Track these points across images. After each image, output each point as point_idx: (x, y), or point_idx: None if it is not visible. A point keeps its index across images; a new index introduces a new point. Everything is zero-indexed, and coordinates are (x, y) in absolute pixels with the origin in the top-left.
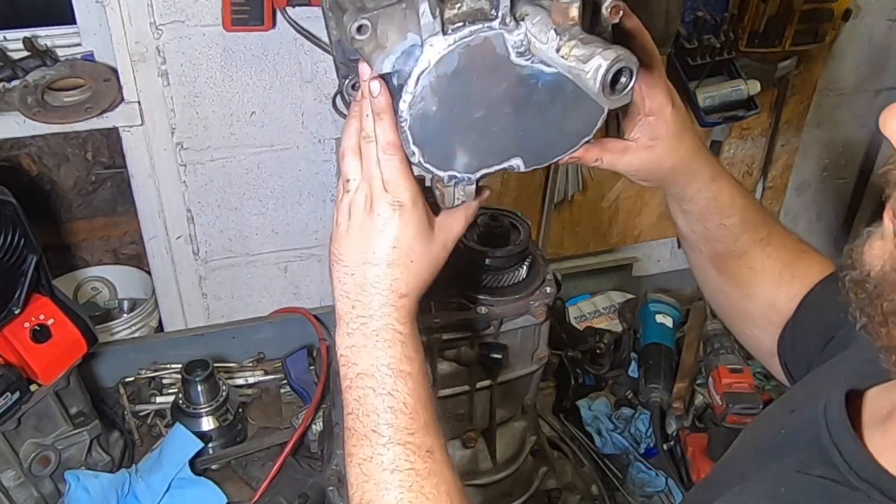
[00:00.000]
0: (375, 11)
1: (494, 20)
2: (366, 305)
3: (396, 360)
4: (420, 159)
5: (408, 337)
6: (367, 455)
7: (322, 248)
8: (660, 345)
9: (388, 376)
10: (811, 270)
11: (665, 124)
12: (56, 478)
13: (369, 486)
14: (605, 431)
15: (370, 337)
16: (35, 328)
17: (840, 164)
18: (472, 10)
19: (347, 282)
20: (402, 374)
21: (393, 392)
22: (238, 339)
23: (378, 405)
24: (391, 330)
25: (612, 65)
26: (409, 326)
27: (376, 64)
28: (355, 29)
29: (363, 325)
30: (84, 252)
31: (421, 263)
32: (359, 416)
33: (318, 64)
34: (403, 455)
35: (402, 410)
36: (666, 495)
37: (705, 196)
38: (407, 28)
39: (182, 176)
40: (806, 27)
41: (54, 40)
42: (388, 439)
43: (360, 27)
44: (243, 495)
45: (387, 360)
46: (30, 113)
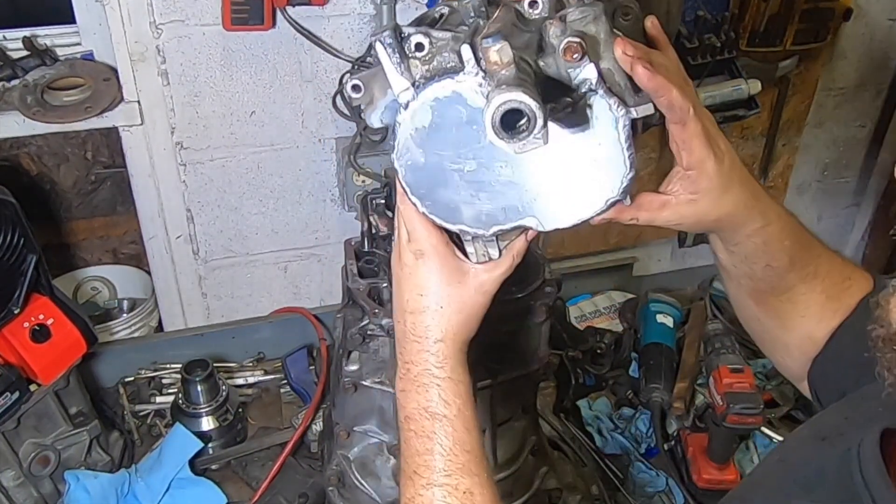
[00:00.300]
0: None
1: (460, 72)
2: (408, 352)
3: (433, 404)
4: (423, 210)
5: (444, 381)
6: (410, 495)
7: (322, 248)
8: (660, 345)
9: (427, 419)
10: (853, 301)
11: (707, 178)
12: (56, 478)
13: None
14: (605, 431)
15: (412, 382)
16: (34, 328)
17: (841, 164)
18: (441, 66)
19: (398, 329)
20: (437, 416)
21: (430, 435)
22: (238, 339)
23: (419, 447)
24: (428, 375)
25: (499, 105)
26: (446, 370)
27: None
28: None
29: (407, 370)
30: (84, 252)
31: (452, 308)
32: (406, 457)
33: (318, 63)
34: (441, 497)
35: (439, 453)
36: (667, 495)
37: (754, 242)
38: (387, 85)
39: (182, 175)
40: (807, 26)
41: (54, 40)
42: (426, 481)
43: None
44: (243, 495)
45: (424, 404)
46: (29, 112)
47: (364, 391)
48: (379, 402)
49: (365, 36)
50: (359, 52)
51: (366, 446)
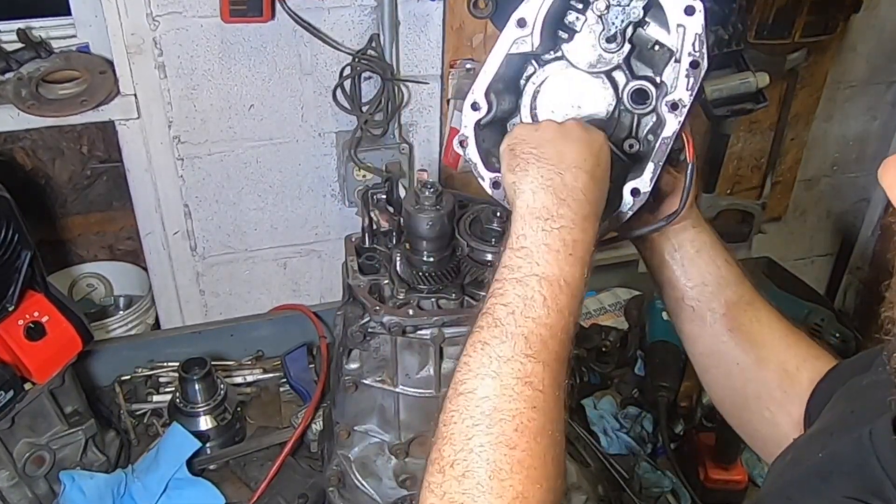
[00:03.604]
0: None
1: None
2: (574, 210)
3: (577, 282)
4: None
5: (590, 263)
6: (505, 354)
7: (322, 244)
8: (667, 342)
9: (565, 294)
10: (807, 339)
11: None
12: (51, 478)
13: (487, 381)
14: (610, 431)
15: (567, 245)
16: (29, 325)
17: (850, 159)
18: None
19: (555, 179)
20: (575, 297)
21: (560, 312)
22: (236, 337)
23: (542, 317)
24: (585, 249)
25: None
26: (593, 251)
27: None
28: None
29: (564, 228)
30: (79, 248)
31: (602, 198)
32: (516, 313)
33: (317, 56)
34: (541, 374)
35: (558, 335)
36: (673, 496)
37: (710, 234)
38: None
39: (179, 170)
40: (816, 18)
41: (49, 32)
42: (536, 352)
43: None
44: (242, 496)
45: (569, 279)
46: (24, 106)
47: (365, 390)
48: (380, 400)
49: (366, 28)
50: (359, 45)
51: (366, 446)
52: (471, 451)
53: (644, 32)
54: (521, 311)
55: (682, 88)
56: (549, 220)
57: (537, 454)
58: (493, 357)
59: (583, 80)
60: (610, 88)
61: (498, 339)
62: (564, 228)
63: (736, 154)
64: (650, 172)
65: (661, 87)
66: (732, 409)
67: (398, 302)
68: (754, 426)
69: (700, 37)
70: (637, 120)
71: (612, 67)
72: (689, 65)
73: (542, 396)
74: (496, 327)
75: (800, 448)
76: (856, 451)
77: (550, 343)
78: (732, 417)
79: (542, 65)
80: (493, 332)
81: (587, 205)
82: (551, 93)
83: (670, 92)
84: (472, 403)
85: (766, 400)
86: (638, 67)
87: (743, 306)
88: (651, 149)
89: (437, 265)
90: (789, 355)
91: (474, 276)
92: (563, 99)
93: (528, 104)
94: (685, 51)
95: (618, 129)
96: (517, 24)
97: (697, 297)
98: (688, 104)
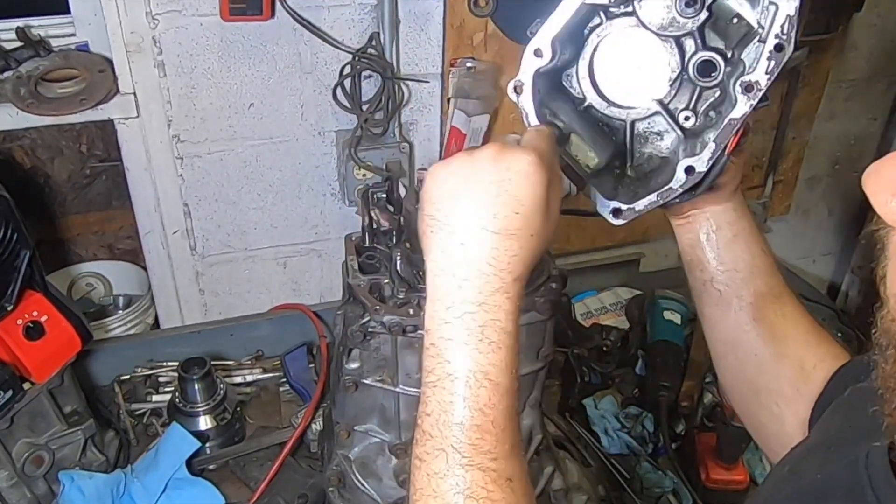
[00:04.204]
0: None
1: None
2: (477, 289)
3: (496, 370)
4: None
5: (513, 341)
6: (440, 470)
7: (322, 244)
8: (668, 342)
9: (484, 388)
10: (830, 339)
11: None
12: (50, 478)
13: (436, 503)
14: (611, 431)
15: (473, 333)
16: (28, 325)
17: (853, 158)
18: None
19: (455, 254)
20: (498, 388)
21: (485, 409)
22: (236, 337)
23: (465, 420)
24: (498, 329)
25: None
26: (514, 325)
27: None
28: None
29: (467, 314)
30: (78, 247)
31: (537, 240)
32: (439, 423)
33: (317, 55)
34: (482, 482)
35: (489, 431)
36: (674, 496)
37: (749, 220)
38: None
39: (179, 169)
40: (817, 17)
41: (48, 30)
42: (468, 461)
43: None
44: (241, 496)
45: (486, 368)
46: (23, 105)
47: (365, 390)
48: (380, 400)
49: (366, 26)
50: (360, 43)
51: (367, 446)
52: None
53: (725, 3)
54: (443, 420)
55: (760, 71)
56: (451, 308)
57: None
58: (431, 474)
59: (649, 41)
60: (677, 55)
61: (430, 454)
62: (467, 315)
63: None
64: (709, 152)
65: (731, 62)
66: (741, 399)
67: (398, 301)
68: (760, 419)
69: (792, 20)
70: (699, 92)
71: (683, 33)
72: (773, 47)
73: (489, 499)
74: (427, 440)
75: (798, 461)
76: (851, 476)
77: (485, 444)
78: (739, 406)
79: (610, 17)
80: (426, 446)
81: (495, 277)
82: (614, 49)
83: (748, 72)
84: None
85: (777, 395)
86: (710, 37)
87: (771, 298)
88: (710, 125)
89: None
90: (808, 353)
91: None
92: (624, 57)
93: (588, 57)
94: (773, 32)
95: (676, 99)
96: None
97: (726, 283)
98: (764, 88)
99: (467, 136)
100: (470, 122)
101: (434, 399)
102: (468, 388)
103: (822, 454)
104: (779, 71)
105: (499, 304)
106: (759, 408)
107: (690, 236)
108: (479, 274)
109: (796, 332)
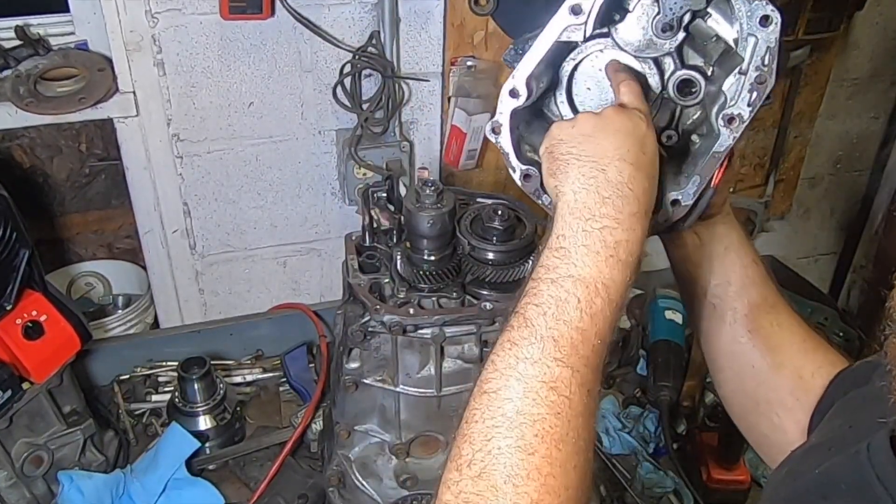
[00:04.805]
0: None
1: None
2: (618, 208)
3: (615, 287)
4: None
5: (635, 267)
6: (532, 356)
7: (322, 243)
8: (669, 341)
9: (601, 298)
10: (826, 346)
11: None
12: (49, 478)
13: (512, 383)
14: (612, 431)
15: (608, 246)
16: (27, 325)
17: (854, 157)
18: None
19: (598, 176)
20: (611, 304)
21: (595, 317)
22: (236, 336)
23: (574, 320)
24: (629, 250)
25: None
26: (640, 252)
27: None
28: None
29: (607, 228)
30: (78, 246)
31: (653, 184)
32: (546, 315)
33: (317, 53)
34: (568, 381)
35: (590, 340)
36: (675, 496)
37: (738, 232)
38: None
39: (178, 168)
40: (819, 15)
41: (47, 29)
42: (563, 357)
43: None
44: (241, 496)
45: (608, 282)
46: (22, 104)
47: (365, 389)
48: (380, 400)
49: (366, 25)
50: (360, 42)
51: (367, 446)
52: (489, 452)
53: (703, 24)
54: (552, 313)
55: (742, 103)
56: (591, 219)
57: (557, 462)
58: (521, 358)
59: (627, 62)
60: (656, 75)
61: (527, 339)
62: (606, 229)
63: (739, 152)
64: (694, 186)
65: (711, 79)
66: (741, 411)
67: (399, 301)
68: (761, 430)
69: (772, 51)
70: (679, 111)
71: (662, 54)
72: (754, 79)
73: (568, 403)
74: (526, 328)
75: (796, 461)
76: (854, 469)
77: (581, 348)
78: (740, 419)
79: (587, 39)
80: (523, 332)
81: (634, 201)
82: (590, 73)
83: (730, 104)
84: (494, 404)
85: (777, 405)
86: (689, 55)
87: (766, 309)
88: (696, 155)
89: (437, 264)
90: (806, 361)
91: (475, 274)
92: (601, 81)
93: (566, 81)
94: (753, 64)
95: (657, 118)
96: (571, 12)
97: (720, 295)
98: (747, 120)
99: (468, 134)
100: (470, 120)
101: (548, 293)
102: (587, 293)
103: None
104: (761, 103)
105: (634, 226)
106: (759, 419)
107: (681, 251)
108: (620, 195)
109: (792, 341)
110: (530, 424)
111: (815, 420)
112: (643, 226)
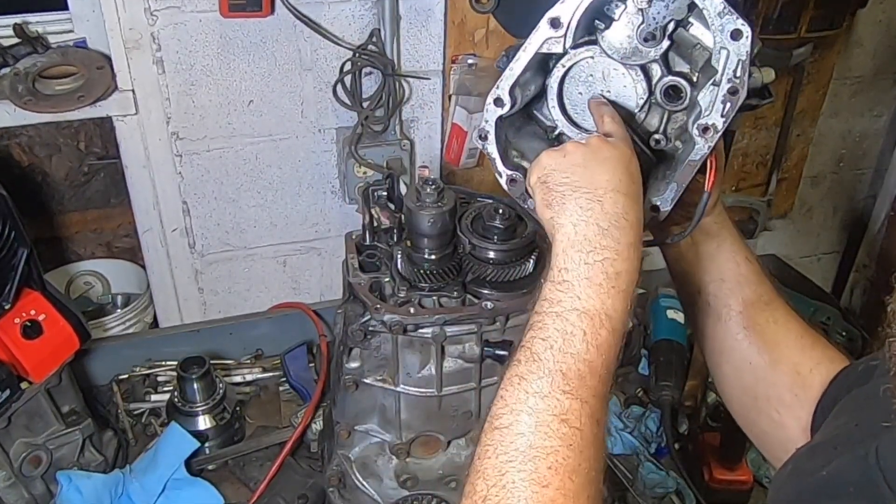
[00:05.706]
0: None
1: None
2: (617, 239)
3: (618, 317)
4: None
5: (633, 296)
6: (541, 390)
7: (322, 242)
8: (671, 341)
9: (605, 329)
10: (824, 342)
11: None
12: (47, 478)
13: (523, 418)
14: (614, 431)
15: (609, 278)
16: (26, 324)
17: (857, 155)
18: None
19: (595, 208)
20: (615, 334)
21: (600, 347)
22: (235, 336)
23: (580, 353)
24: (629, 280)
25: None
26: (636, 281)
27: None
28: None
29: (608, 260)
30: (76, 245)
31: (642, 213)
32: (553, 349)
33: (317, 51)
34: (578, 412)
35: (597, 371)
36: (677, 496)
37: (731, 230)
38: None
39: (178, 167)
40: (822, 13)
41: (46, 26)
42: (572, 390)
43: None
44: (241, 496)
45: (611, 312)
46: (20, 102)
47: (365, 389)
48: (381, 400)
49: (366, 23)
50: (360, 40)
51: (367, 446)
52: (503, 486)
53: (686, 32)
54: (559, 347)
55: (716, 114)
56: (592, 252)
57: (571, 493)
58: (530, 393)
59: (614, 69)
60: (643, 81)
61: (535, 374)
62: (607, 261)
63: (741, 150)
64: (672, 192)
65: (697, 85)
66: (741, 408)
67: (399, 300)
68: (762, 427)
69: (743, 63)
70: (667, 116)
71: (648, 61)
72: (727, 91)
73: (579, 434)
74: (534, 362)
75: (801, 459)
76: (862, 471)
77: (589, 379)
78: (740, 416)
79: (573, 46)
80: (531, 366)
81: (630, 231)
82: (580, 79)
83: (704, 115)
84: (506, 439)
85: (776, 401)
86: (675, 62)
87: (761, 306)
88: (678, 162)
89: (438, 263)
90: (804, 358)
91: (476, 273)
92: (592, 86)
93: (556, 86)
94: (726, 76)
95: (646, 123)
96: (550, 24)
97: (714, 293)
98: (721, 130)
99: (469, 133)
100: (471, 119)
101: (554, 327)
102: (593, 325)
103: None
104: (734, 114)
105: (632, 256)
106: (759, 416)
107: (674, 250)
108: (617, 226)
109: (788, 337)
110: (543, 457)
111: (818, 417)
112: (639, 255)
